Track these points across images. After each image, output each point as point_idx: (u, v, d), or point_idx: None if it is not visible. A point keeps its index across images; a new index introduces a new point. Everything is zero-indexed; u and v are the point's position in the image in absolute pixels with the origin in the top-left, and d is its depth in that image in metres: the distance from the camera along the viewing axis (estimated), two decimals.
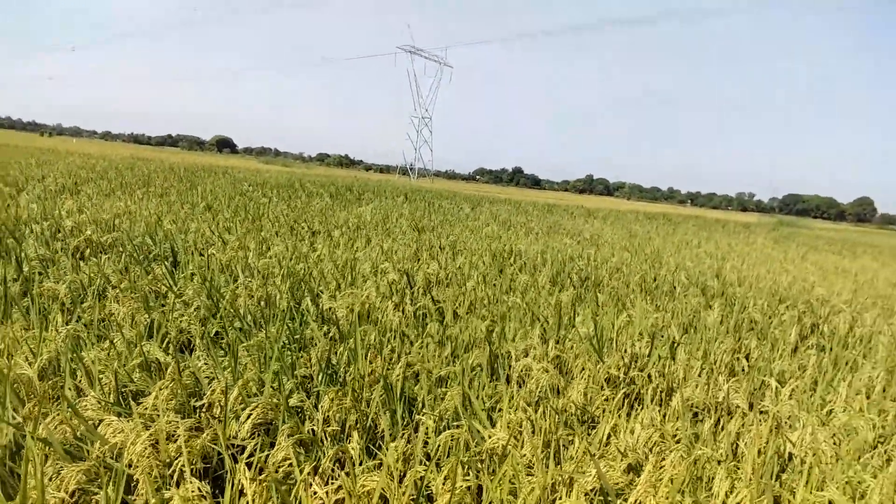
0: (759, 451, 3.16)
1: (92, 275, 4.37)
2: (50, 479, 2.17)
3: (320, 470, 2.38)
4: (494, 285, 6.09)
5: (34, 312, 3.48)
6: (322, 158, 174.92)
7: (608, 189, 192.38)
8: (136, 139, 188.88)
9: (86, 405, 2.55)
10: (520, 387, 3.56)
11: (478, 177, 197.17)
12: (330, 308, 4.38)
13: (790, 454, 3.13)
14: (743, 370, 4.28)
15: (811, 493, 2.61)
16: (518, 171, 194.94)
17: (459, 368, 3.38)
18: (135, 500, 2.20)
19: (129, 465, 2.31)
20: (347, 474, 2.51)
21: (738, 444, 3.17)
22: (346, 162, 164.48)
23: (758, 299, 6.55)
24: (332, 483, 2.22)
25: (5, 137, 48.59)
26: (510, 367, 3.86)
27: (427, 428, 2.93)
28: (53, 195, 9.18)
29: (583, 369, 3.92)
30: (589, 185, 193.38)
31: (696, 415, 3.58)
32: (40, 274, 4.35)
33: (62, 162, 17.36)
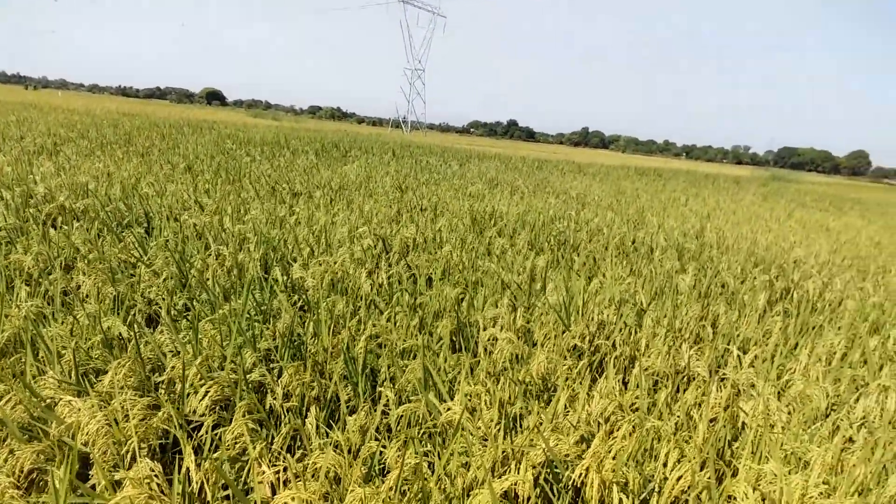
0: (714, 421, 3.26)
1: (61, 244, 4.36)
2: (5, 461, 2.22)
3: (273, 448, 2.44)
4: (472, 249, 6.11)
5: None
6: (313, 111, 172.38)
7: (603, 142, 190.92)
8: (124, 92, 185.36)
9: (44, 384, 2.58)
10: (488, 355, 3.61)
11: (472, 130, 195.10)
12: (301, 277, 4.40)
13: (744, 423, 3.21)
14: (708, 337, 4.34)
15: (754, 464, 2.69)
16: (513, 124, 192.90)
17: (422, 341, 3.42)
18: (92, 476, 2.26)
19: (87, 444, 2.36)
20: (303, 454, 2.58)
21: (692, 414, 3.24)
22: (338, 115, 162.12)
23: (733, 262, 6.60)
24: (283, 462, 2.27)
25: None
26: (477, 336, 3.91)
27: (388, 399, 2.99)
28: (31, 156, 9.06)
29: (547, 337, 3.98)
30: (584, 138, 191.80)
31: (656, 383, 3.65)
32: (8, 244, 4.34)
33: (43, 120, 17.05)
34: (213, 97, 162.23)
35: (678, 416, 3.16)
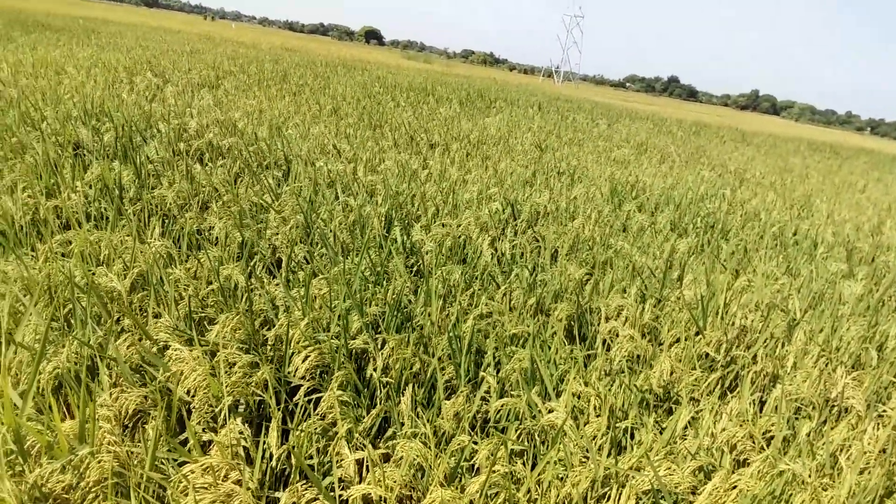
0: (865, 469, 2.77)
1: (202, 182, 4.56)
2: (115, 399, 2.31)
3: (360, 428, 2.36)
4: (606, 224, 5.70)
5: (137, 221, 3.68)
6: (466, 56, 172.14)
7: (774, 108, 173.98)
8: (290, 26, 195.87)
9: (159, 327, 2.67)
10: (606, 351, 3.31)
11: (628, 84, 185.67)
12: (421, 239, 4.29)
13: None
14: (871, 362, 3.72)
15: None
16: (673, 81, 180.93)
17: (534, 328, 3.19)
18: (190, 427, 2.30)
19: (189, 394, 2.42)
20: (393, 433, 2.48)
21: (838, 456, 2.77)
22: (489, 60, 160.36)
23: None
24: (365, 450, 2.18)
25: (172, 21, 51.94)
26: (597, 326, 3.61)
27: (490, 387, 2.82)
28: (195, 88, 9.69)
29: (677, 340, 3.59)
30: (753, 102, 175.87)
31: (797, 411, 3.18)
32: (156, 178, 4.61)
33: (212, 52, 18.27)
34: (372, 36, 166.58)
35: (821, 457, 2.71)
